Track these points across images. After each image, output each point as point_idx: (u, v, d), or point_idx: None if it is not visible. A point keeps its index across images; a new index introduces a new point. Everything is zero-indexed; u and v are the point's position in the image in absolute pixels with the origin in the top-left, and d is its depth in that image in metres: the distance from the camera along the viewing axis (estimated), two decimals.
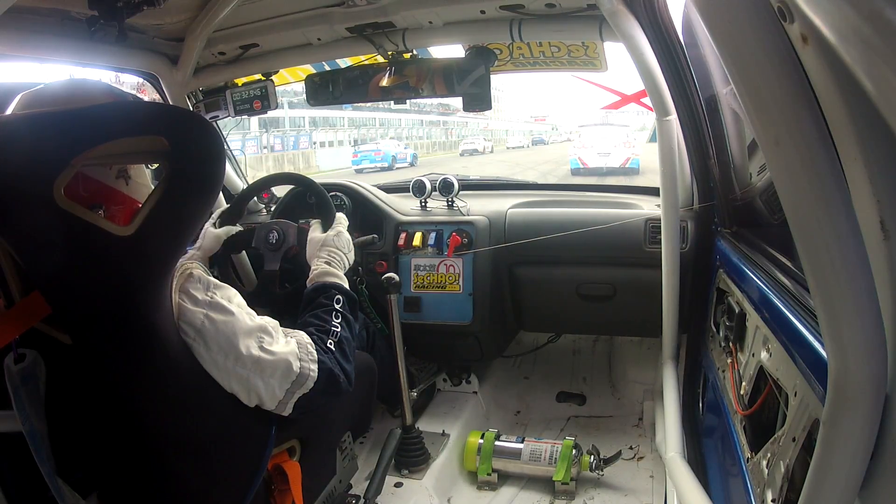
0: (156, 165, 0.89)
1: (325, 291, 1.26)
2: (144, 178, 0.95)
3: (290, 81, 2.06)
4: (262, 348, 0.97)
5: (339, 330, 1.18)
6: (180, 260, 0.91)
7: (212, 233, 1.59)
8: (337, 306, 1.23)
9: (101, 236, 0.77)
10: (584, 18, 1.50)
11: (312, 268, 1.35)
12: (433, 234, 2.00)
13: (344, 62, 1.90)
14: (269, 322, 1.02)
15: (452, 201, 2.08)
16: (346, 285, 1.32)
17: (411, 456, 1.81)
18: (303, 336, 1.08)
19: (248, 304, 1.02)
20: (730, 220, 1.58)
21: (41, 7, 1.35)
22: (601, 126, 18.48)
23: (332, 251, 1.38)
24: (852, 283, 0.50)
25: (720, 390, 1.33)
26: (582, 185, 4.43)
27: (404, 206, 2.13)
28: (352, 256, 1.43)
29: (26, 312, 0.82)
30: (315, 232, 1.44)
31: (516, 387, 2.38)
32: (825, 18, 0.40)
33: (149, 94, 1.99)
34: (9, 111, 0.86)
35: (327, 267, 1.34)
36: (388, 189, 2.29)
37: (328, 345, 1.13)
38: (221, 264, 1.70)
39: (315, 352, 1.07)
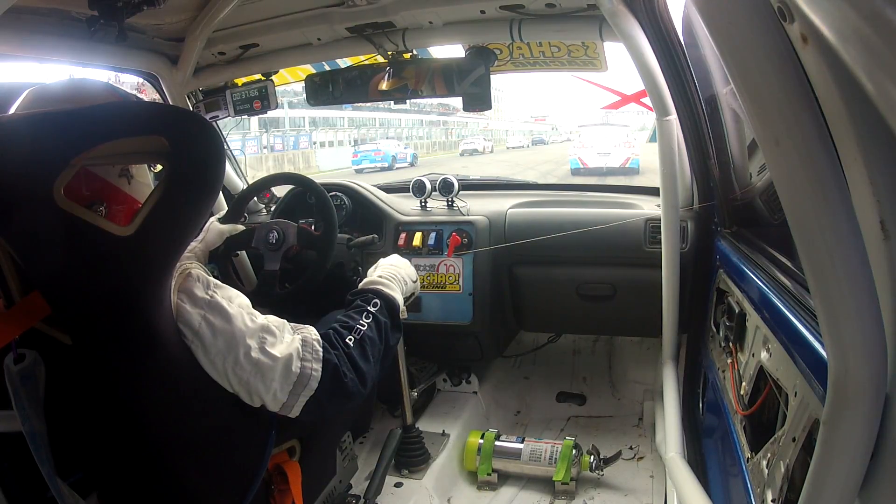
0: (159, 168, 0.89)
1: (363, 295, 1.22)
2: (146, 178, 0.95)
3: (290, 81, 2.06)
4: (262, 350, 0.94)
5: (363, 329, 1.12)
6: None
7: (216, 227, 1.59)
8: (371, 308, 1.18)
9: (100, 236, 0.77)
10: (584, 18, 1.50)
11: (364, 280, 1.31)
12: (433, 234, 2.00)
13: (344, 62, 1.90)
14: (274, 321, 0.99)
15: (452, 201, 2.08)
16: (396, 296, 1.26)
17: (411, 456, 1.82)
18: (310, 333, 1.03)
19: None
20: (730, 220, 1.58)
21: (41, 7, 1.35)
22: (601, 126, 18.50)
23: (388, 268, 1.34)
24: (852, 283, 0.50)
25: (720, 390, 1.33)
26: (582, 185, 4.43)
27: (404, 206, 2.13)
28: (410, 280, 1.37)
29: (26, 312, 0.82)
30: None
31: (516, 387, 2.38)
32: (825, 18, 0.40)
33: (149, 94, 1.99)
34: (13, 109, 0.86)
35: (377, 278, 1.29)
36: (388, 189, 2.29)
37: (346, 340, 1.08)
38: (222, 264, 1.71)
39: (321, 349, 1.01)
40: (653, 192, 2.10)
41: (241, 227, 1.66)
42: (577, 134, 19.24)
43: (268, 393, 0.96)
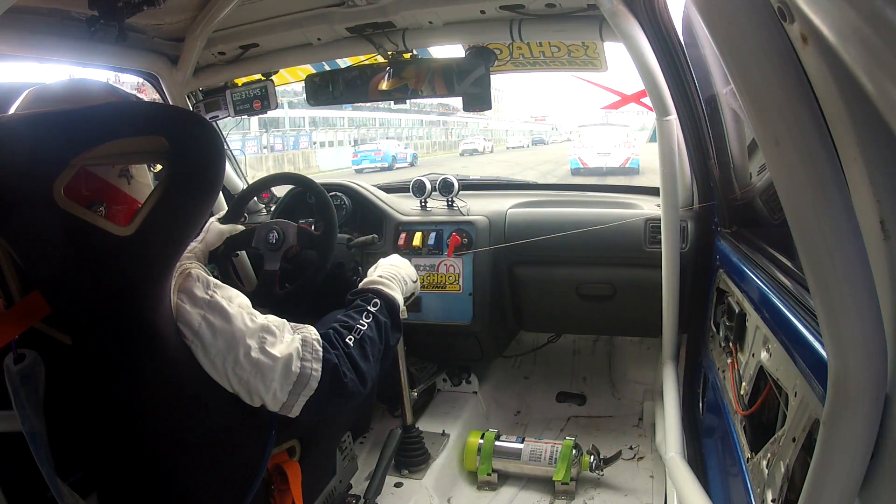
0: (159, 168, 0.89)
1: (364, 294, 1.23)
2: (146, 178, 0.95)
3: (290, 81, 2.06)
4: (262, 350, 0.94)
5: (363, 328, 1.12)
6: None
7: (216, 227, 1.59)
8: (371, 308, 1.18)
9: (100, 236, 0.77)
10: (584, 18, 1.50)
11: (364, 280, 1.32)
12: (433, 234, 2.00)
13: (344, 62, 1.90)
14: (274, 321, 0.99)
15: (452, 201, 2.08)
16: (396, 296, 1.26)
17: (411, 456, 1.82)
18: (310, 333, 1.03)
19: None
20: (730, 220, 1.58)
21: (41, 7, 1.35)
22: (601, 126, 18.48)
23: (388, 268, 1.34)
24: (852, 283, 0.50)
25: (720, 390, 1.33)
26: (582, 185, 4.43)
27: (404, 206, 2.13)
28: (410, 280, 1.37)
29: (26, 312, 0.82)
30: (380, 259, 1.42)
31: (516, 387, 2.38)
32: (825, 18, 0.40)
33: (149, 94, 1.99)
34: (13, 109, 0.86)
35: (377, 278, 1.30)
36: (388, 189, 2.30)
37: (346, 340, 1.08)
38: (222, 264, 1.71)
39: (321, 349, 1.01)
40: (653, 192, 2.10)
41: (241, 227, 1.66)
42: (577, 134, 19.23)
43: (268, 393, 0.96)
